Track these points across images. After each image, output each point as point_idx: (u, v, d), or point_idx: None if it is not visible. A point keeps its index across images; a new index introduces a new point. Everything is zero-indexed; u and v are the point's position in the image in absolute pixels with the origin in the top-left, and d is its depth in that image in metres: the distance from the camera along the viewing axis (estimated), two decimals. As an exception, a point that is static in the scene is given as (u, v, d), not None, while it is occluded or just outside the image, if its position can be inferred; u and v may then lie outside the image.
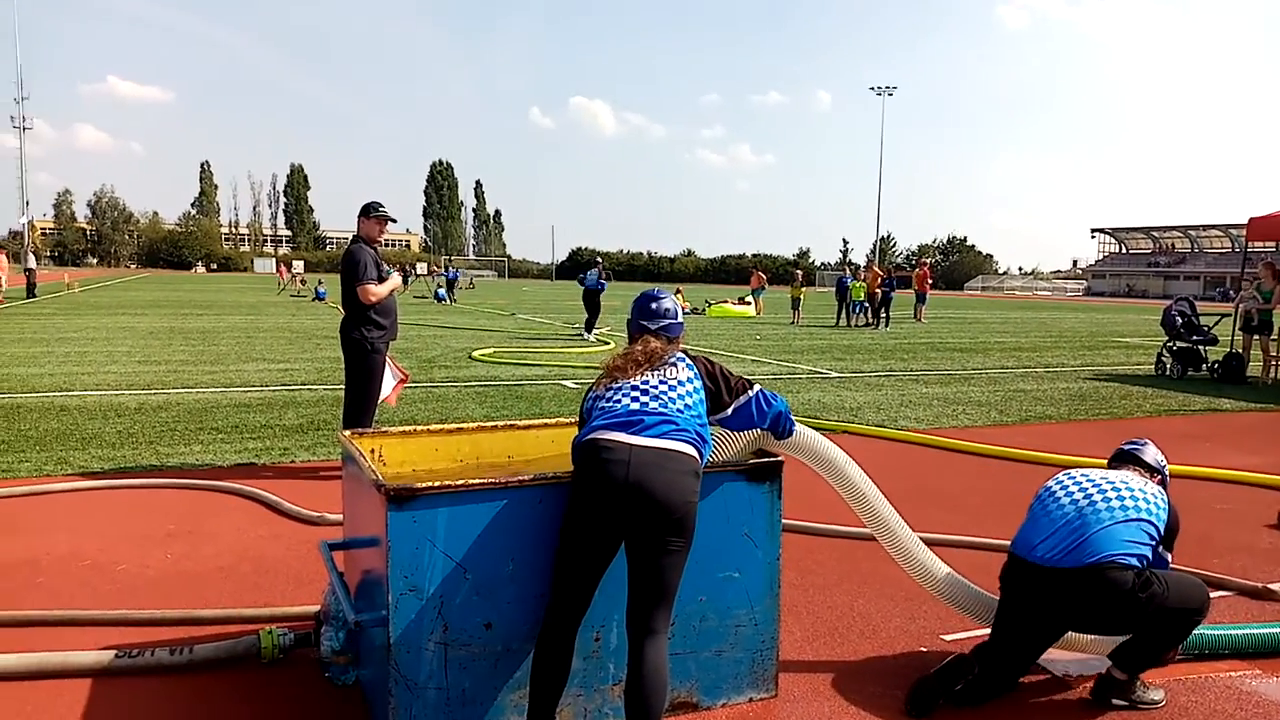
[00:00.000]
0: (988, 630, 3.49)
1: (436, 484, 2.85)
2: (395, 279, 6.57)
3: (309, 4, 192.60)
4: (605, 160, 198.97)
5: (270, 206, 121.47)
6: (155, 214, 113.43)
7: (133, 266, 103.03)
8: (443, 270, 42.33)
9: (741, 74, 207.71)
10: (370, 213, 6.40)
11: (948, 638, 3.92)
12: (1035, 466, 7.13)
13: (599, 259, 21.43)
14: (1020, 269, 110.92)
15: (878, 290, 25.21)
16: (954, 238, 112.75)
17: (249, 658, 3.50)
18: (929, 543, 4.83)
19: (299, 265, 55.97)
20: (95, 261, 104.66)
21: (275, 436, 7.87)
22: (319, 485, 6.21)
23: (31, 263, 34.35)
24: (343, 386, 6.59)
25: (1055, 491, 3.44)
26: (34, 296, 30.78)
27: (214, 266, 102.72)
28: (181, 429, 8.12)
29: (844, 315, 26.42)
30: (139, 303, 30.31)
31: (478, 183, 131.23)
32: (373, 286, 6.26)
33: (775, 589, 3.31)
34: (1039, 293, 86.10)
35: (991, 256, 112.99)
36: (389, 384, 6.65)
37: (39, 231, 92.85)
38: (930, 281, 30.28)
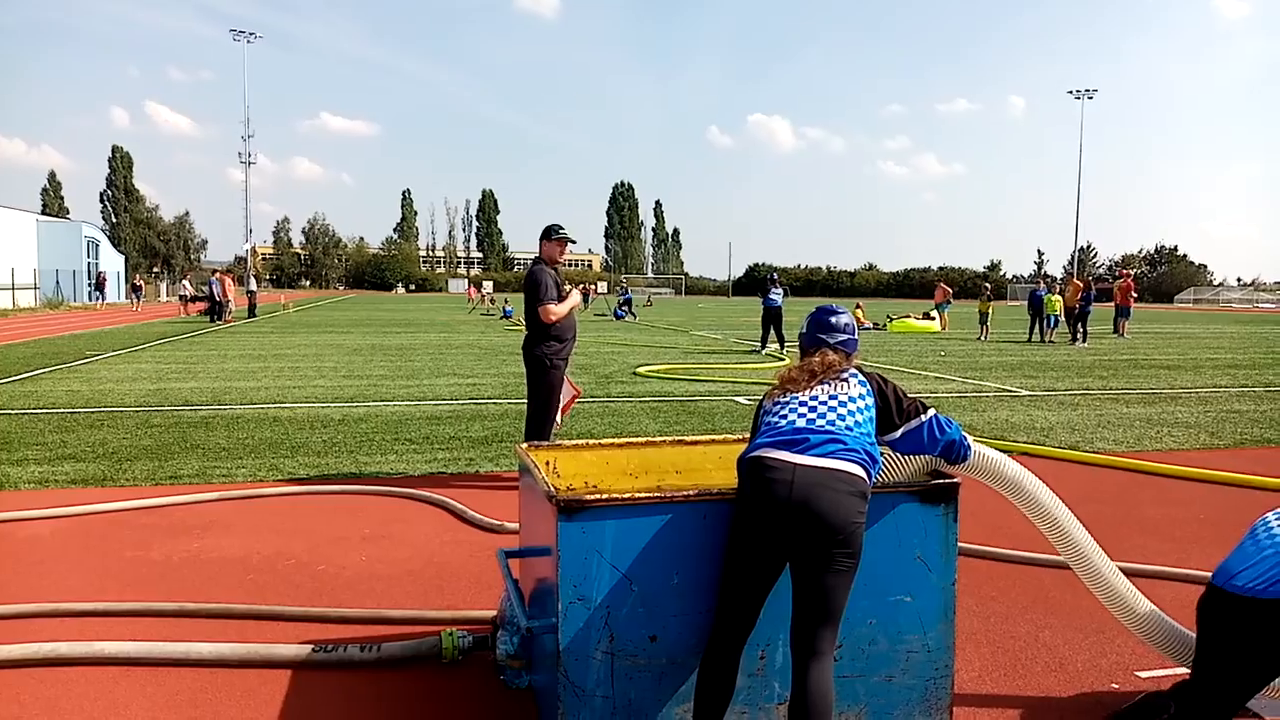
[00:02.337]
0: (1188, 670, 3.22)
1: (605, 496, 2.91)
2: (575, 297, 6.78)
3: (501, 38, 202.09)
4: (784, 175, 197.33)
5: (463, 230, 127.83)
6: (361, 239, 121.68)
7: (340, 288, 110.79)
8: (622, 291, 43.36)
9: (926, 83, 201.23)
10: (551, 235, 6.65)
11: (1143, 674, 3.64)
12: (1252, 492, 6.52)
13: (773, 274, 21.25)
14: (1239, 280, 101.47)
15: (1076, 304, 23.76)
16: (1162, 247, 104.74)
17: (431, 657, 3.69)
18: (1132, 574, 4.52)
19: (488, 285, 58.57)
20: (308, 284, 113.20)
21: (462, 448, 8.26)
22: (500, 495, 6.46)
23: (253, 285, 37.67)
24: (525, 401, 6.86)
25: (1270, 520, 3.13)
26: (254, 316, 33.66)
27: (412, 287, 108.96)
28: (379, 439, 8.65)
29: (1038, 330, 25.03)
30: (345, 322, 32.56)
31: (657, 202, 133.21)
32: (553, 306, 6.50)
33: (950, 615, 3.18)
34: (1260, 305, 78.51)
35: (1205, 267, 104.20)
36: (564, 397, 6.85)
37: (260, 256, 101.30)
38: (1134, 294, 28.27)
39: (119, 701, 3.38)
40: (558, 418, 7.03)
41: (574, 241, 6.86)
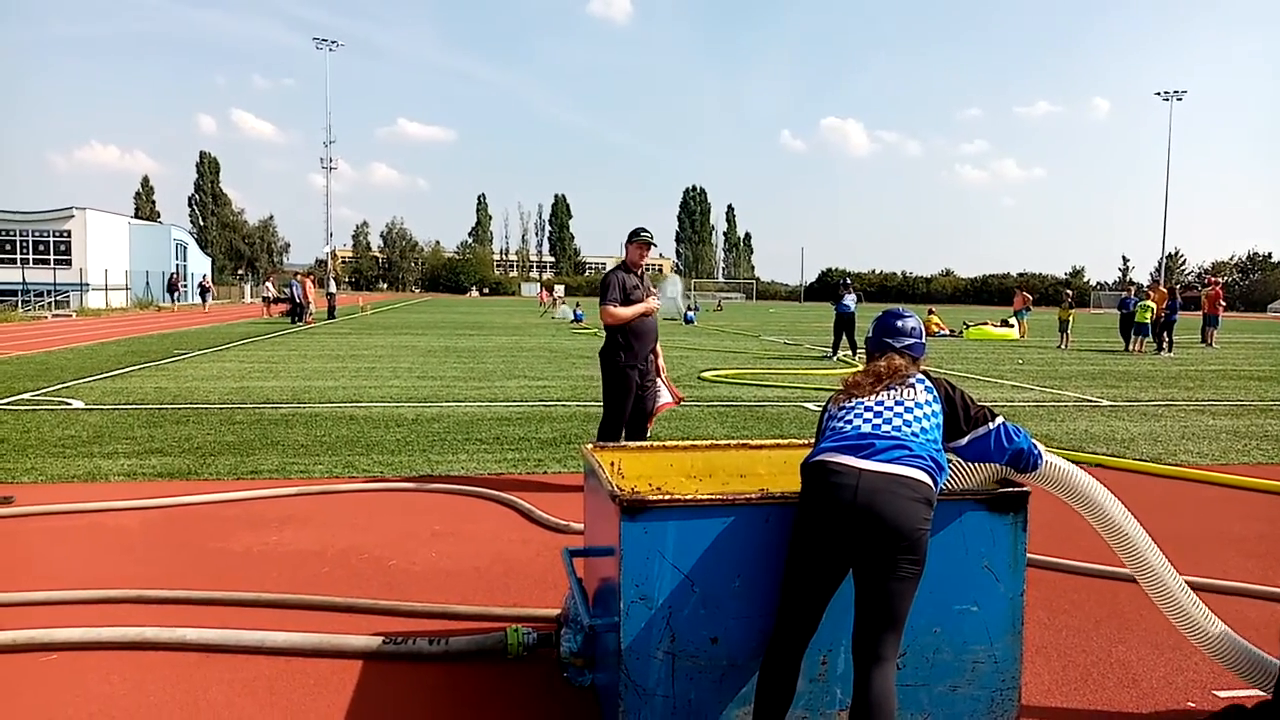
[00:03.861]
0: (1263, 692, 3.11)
1: (668, 497, 2.94)
2: (651, 302, 6.62)
3: (573, 43, 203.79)
4: (857, 179, 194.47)
5: (536, 234, 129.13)
6: (437, 243, 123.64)
7: (417, 291, 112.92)
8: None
9: (1005, 85, 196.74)
10: (633, 238, 6.61)
11: (1221, 694, 3.52)
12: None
13: (846, 279, 20.96)
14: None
15: (1162, 313, 22.99)
16: (1255, 254, 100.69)
17: (496, 653, 3.75)
18: (1215, 590, 4.39)
19: (560, 289, 59.14)
20: (385, 286, 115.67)
21: (531, 449, 8.37)
22: (567, 495, 6.52)
23: (333, 288, 38.56)
24: (594, 403, 6.91)
25: None
26: (333, 318, 34.51)
27: (486, 290, 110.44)
28: (450, 439, 8.81)
29: (1130, 341, 24.10)
30: (420, 324, 33.19)
31: (729, 207, 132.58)
32: (613, 308, 6.48)
33: (1018, 626, 3.13)
34: (1362, 315, 74.98)
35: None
36: (661, 399, 6.82)
37: (340, 260, 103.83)
38: (1224, 303, 27.24)
39: (199, 685, 3.52)
40: (648, 425, 6.88)
41: (655, 245, 6.83)
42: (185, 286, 51.01)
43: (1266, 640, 3.26)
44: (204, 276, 52.78)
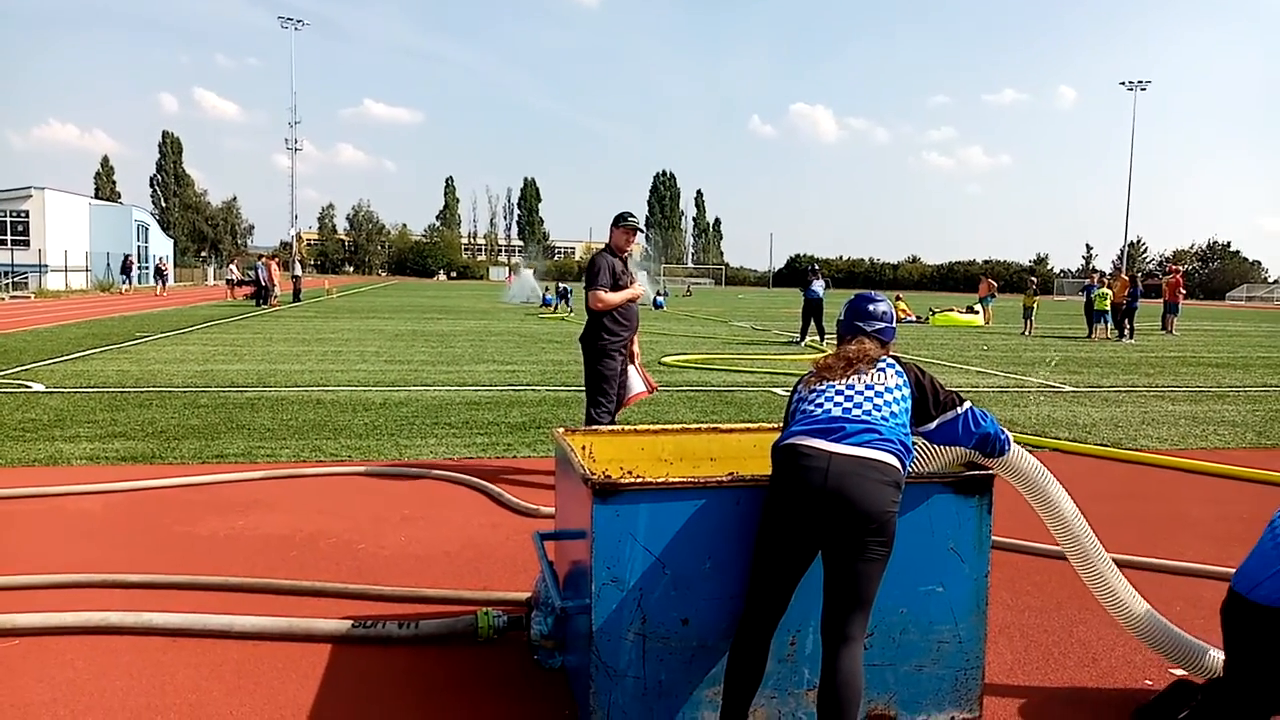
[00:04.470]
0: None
1: (639, 480, 2.95)
2: (636, 289, 6.52)
3: (544, 25, 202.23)
4: (826, 166, 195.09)
5: (505, 218, 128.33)
6: (404, 225, 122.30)
7: (383, 274, 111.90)
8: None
9: (974, 73, 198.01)
10: (620, 222, 6.48)
11: (1178, 672, 3.60)
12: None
13: (814, 265, 21.10)
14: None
15: (1124, 300, 23.37)
16: (1214, 243, 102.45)
17: (467, 636, 3.76)
18: (1173, 571, 4.51)
19: (529, 273, 58.82)
20: (351, 269, 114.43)
21: (500, 433, 8.36)
22: (537, 480, 6.53)
23: (298, 270, 38.14)
24: (564, 387, 6.89)
25: None
26: (299, 301, 34.14)
27: (454, 274, 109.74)
28: (419, 423, 8.77)
29: (1091, 327, 24.53)
30: (387, 307, 32.94)
31: (699, 192, 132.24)
32: (603, 294, 6.29)
33: (982, 607, 3.18)
34: (1317, 304, 76.56)
35: (1259, 263, 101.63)
36: (632, 389, 6.65)
37: (305, 242, 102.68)
38: (1184, 290, 27.72)
39: (166, 670, 3.49)
40: (617, 406, 6.87)
41: (643, 230, 6.75)
42: (140, 269, 49.72)
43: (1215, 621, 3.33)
44: (160, 258, 51.05)
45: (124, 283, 44.46)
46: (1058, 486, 3.30)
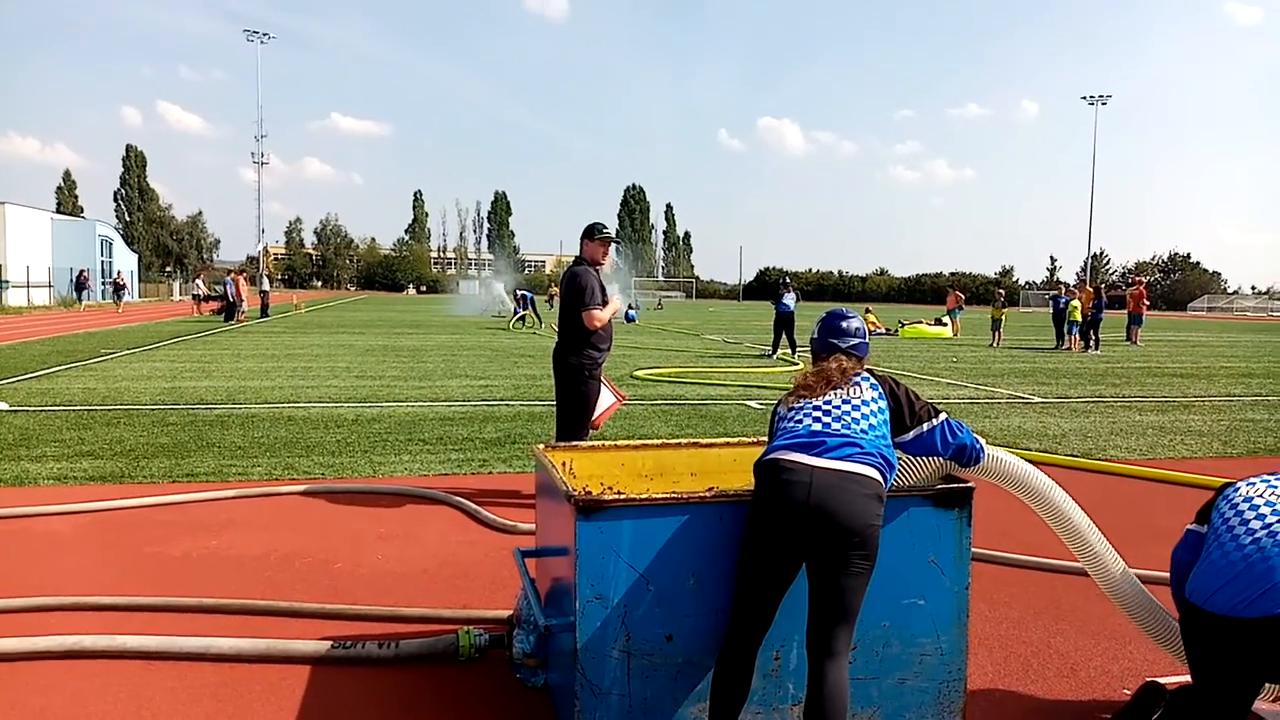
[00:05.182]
0: None
1: (623, 497, 2.95)
2: (616, 302, 6.34)
3: (511, 39, 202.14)
4: (794, 179, 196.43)
5: (475, 231, 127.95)
6: (373, 239, 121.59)
7: (352, 289, 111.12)
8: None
9: (938, 87, 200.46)
10: (594, 235, 6.20)
11: (1158, 681, 3.66)
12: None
13: (785, 278, 21.24)
14: (1254, 289, 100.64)
15: (1089, 311, 23.74)
16: (1176, 255, 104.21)
17: (448, 655, 3.73)
18: (1145, 580, 4.55)
19: (499, 287, 58.56)
20: (320, 284, 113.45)
21: (475, 449, 8.31)
22: (514, 496, 6.50)
23: (266, 285, 37.76)
24: (538, 402, 6.85)
25: (1233, 524, 3.03)
26: (267, 316, 33.79)
27: (424, 288, 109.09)
28: (392, 440, 8.71)
29: (1063, 338, 24.84)
30: (357, 322, 32.69)
31: (668, 205, 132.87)
32: (598, 312, 6.05)
33: (963, 619, 3.21)
34: (1274, 314, 77.87)
35: (1219, 275, 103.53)
36: (603, 404, 6.44)
37: (272, 257, 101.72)
38: (1147, 301, 28.19)
39: (143, 693, 3.44)
40: (599, 424, 6.57)
41: (618, 242, 6.67)
42: (96, 285, 48.46)
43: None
44: (118, 273, 49.58)
45: (78, 299, 43.51)
46: (1047, 482, 3.31)
